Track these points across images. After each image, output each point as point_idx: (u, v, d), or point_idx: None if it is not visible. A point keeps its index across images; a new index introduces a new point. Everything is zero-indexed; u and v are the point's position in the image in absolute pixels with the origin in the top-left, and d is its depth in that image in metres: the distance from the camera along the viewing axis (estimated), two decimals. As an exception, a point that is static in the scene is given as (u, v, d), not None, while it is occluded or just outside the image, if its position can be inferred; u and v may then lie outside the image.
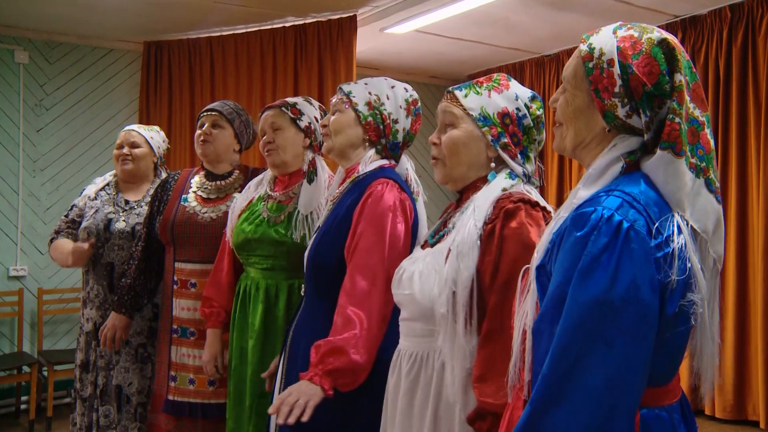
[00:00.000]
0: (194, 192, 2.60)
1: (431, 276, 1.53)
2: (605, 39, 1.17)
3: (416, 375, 1.58)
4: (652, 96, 1.12)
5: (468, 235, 1.49)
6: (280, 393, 1.91)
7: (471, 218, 1.51)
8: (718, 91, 4.68)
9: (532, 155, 1.64)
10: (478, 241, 1.48)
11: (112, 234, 2.76)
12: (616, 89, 1.13)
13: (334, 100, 2.03)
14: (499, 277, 1.45)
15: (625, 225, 1.04)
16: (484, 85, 1.63)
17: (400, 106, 1.98)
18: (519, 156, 1.61)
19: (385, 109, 1.96)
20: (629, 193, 1.08)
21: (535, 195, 1.58)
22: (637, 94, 1.12)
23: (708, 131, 1.14)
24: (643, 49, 1.13)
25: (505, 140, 1.60)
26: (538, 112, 1.63)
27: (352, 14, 4.69)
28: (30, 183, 4.91)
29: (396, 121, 1.97)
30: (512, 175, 1.59)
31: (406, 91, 2.01)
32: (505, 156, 1.60)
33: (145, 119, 5.08)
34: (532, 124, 1.62)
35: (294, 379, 1.81)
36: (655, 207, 1.08)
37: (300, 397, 1.63)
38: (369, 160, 1.95)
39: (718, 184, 1.15)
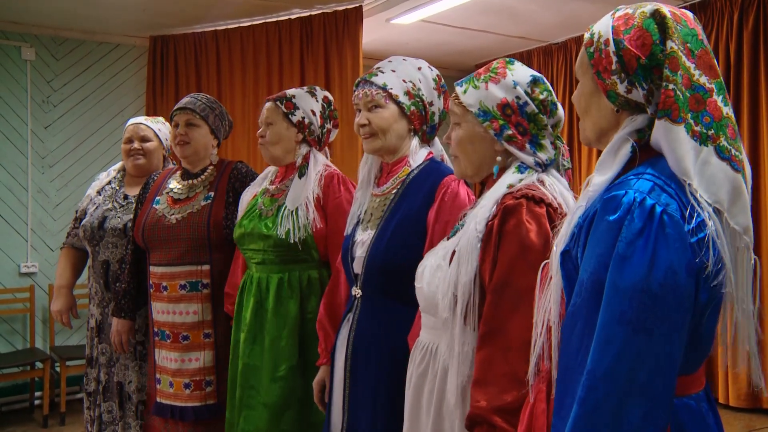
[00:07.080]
0: (167, 193, 2.56)
1: (437, 272, 1.52)
2: (604, 22, 1.19)
3: (426, 367, 1.57)
4: (648, 68, 1.11)
5: (468, 238, 1.45)
6: (344, 402, 1.86)
7: (473, 220, 1.47)
8: (729, 76, 4.60)
9: (545, 142, 1.54)
10: (479, 244, 1.43)
11: (105, 232, 2.71)
12: (613, 67, 1.14)
13: (363, 95, 1.90)
14: (495, 277, 1.40)
15: (658, 209, 1.02)
16: (482, 76, 1.55)
17: (433, 88, 1.92)
18: (528, 146, 1.52)
19: (423, 95, 1.90)
20: (660, 177, 1.06)
21: (549, 184, 1.50)
22: (631, 68, 1.12)
23: (718, 98, 1.10)
24: (635, 23, 1.14)
25: (510, 132, 1.51)
26: (541, 96, 1.53)
27: (357, 5, 4.66)
28: (39, 179, 4.92)
29: (431, 104, 1.92)
30: (521, 168, 1.51)
31: (431, 70, 1.94)
32: (512, 149, 1.52)
33: (152, 113, 5.05)
34: (537, 111, 1.52)
35: (362, 388, 1.81)
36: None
37: None
38: (417, 151, 1.91)
39: (735, 152, 1.09)
